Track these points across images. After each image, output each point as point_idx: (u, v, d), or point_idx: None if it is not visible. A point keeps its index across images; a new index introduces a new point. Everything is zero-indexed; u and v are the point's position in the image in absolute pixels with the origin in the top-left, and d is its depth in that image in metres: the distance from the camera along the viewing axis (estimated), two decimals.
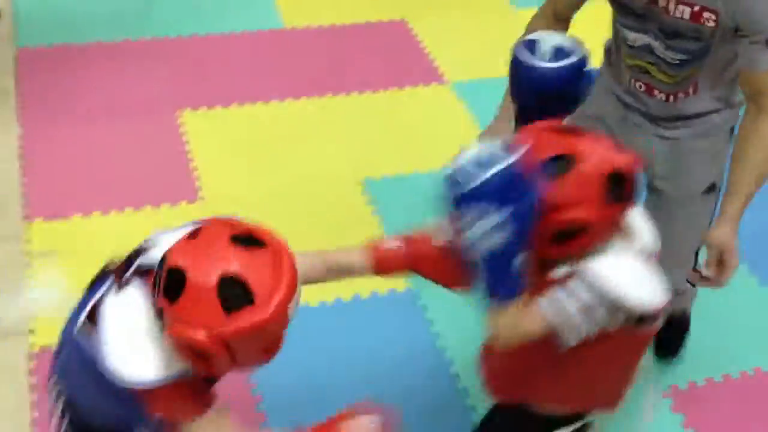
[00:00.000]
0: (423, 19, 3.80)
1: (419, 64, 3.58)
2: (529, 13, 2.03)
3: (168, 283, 1.27)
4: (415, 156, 3.09)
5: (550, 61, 1.75)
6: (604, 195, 1.39)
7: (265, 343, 1.31)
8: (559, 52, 1.75)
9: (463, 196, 1.35)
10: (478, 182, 1.33)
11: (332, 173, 2.99)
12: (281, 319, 1.28)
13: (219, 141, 3.10)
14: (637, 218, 1.54)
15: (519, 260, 1.40)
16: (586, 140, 1.45)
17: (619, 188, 1.41)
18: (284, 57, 3.55)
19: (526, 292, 1.44)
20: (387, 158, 3.08)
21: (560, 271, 1.47)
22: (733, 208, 1.76)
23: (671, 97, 1.87)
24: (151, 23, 3.66)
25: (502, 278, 1.42)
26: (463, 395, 2.30)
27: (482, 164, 1.34)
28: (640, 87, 1.89)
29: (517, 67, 1.79)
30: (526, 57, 1.76)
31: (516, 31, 1.98)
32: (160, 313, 1.29)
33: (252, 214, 2.81)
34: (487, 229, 1.35)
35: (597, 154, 1.42)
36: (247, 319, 1.24)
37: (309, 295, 2.44)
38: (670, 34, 1.74)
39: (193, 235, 1.32)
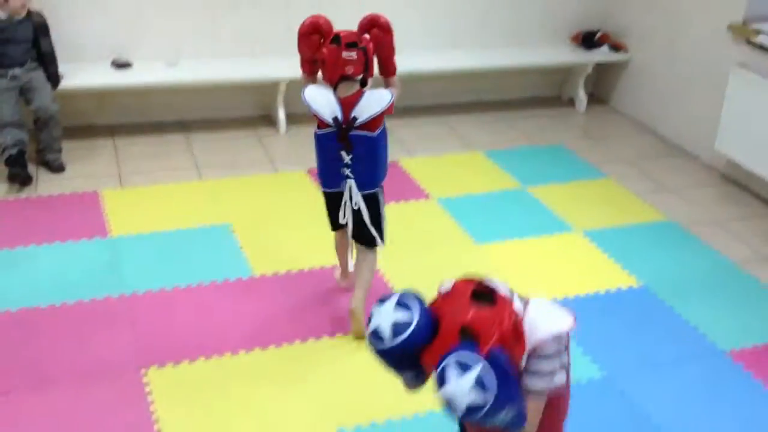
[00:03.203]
0: (391, 260, 3.86)
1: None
2: (489, 247, 2.04)
3: None
4: (388, 402, 3.00)
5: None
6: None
7: None
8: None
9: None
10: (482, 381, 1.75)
11: (305, 425, 2.88)
12: None
13: (186, 399, 3.00)
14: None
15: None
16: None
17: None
18: (252, 306, 3.54)
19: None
20: (359, 405, 2.99)
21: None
22: None
23: None
24: (119, 280, 3.66)
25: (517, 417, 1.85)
26: None
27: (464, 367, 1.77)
28: None
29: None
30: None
31: (478, 265, 1.97)
32: None
33: None
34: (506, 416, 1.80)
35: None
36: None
37: None
38: None
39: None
